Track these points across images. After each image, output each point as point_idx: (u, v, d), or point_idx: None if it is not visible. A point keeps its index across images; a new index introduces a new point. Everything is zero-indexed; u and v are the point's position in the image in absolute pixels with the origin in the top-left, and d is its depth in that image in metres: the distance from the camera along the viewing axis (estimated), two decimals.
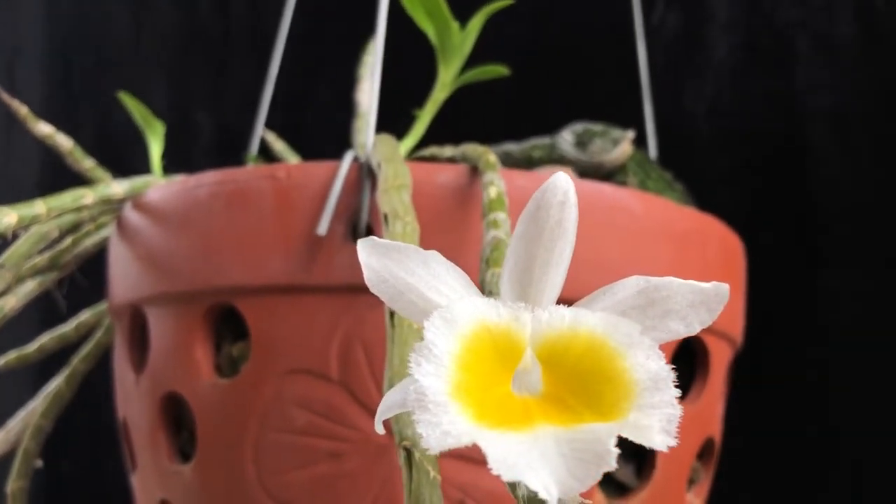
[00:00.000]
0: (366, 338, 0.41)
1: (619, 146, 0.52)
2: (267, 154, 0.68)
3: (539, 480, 0.17)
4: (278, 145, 0.69)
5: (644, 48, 0.66)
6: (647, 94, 0.65)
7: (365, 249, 0.20)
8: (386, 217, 0.34)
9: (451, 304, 0.20)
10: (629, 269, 0.27)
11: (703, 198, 0.58)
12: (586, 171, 0.53)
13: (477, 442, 0.18)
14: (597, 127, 0.55)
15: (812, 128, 0.74)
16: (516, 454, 0.18)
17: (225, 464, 0.43)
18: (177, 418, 0.47)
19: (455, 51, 0.48)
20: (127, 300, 0.48)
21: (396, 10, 0.47)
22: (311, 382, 0.41)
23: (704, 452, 0.49)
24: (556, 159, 0.54)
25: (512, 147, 0.58)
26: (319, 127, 0.77)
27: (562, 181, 0.20)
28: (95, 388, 0.56)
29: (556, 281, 0.21)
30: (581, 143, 0.54)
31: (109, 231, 0.52)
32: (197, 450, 0.44)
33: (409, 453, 0.28)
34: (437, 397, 0.18)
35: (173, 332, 0.45)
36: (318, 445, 0.41)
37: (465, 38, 0.47)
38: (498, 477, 0.40)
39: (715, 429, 0.50)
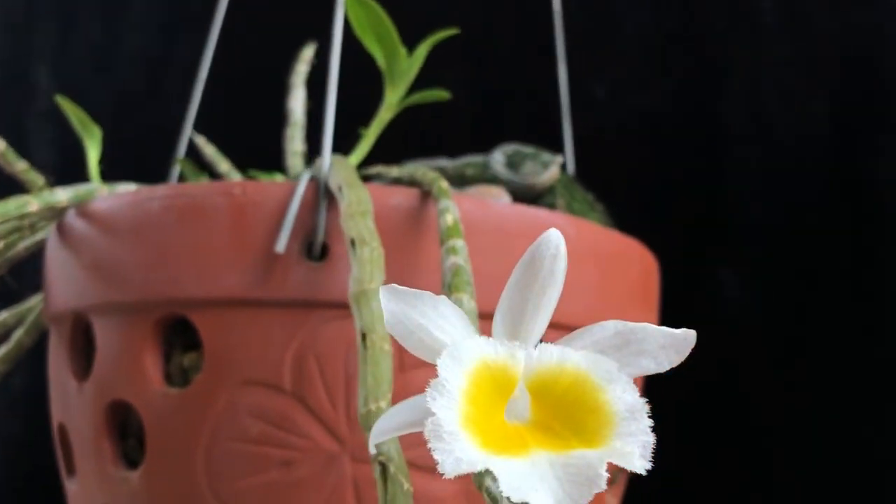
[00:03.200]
0: (319, 351, 0.43)
1: (549, 169, 0.56)
2: (196, 158, 0.68)
3: (541, 500, 0.20)
4: (209, 150, 0.69)
5: (565, 70, 0.70)
6: (566, 114, 0.68)
7: (386, 296, 0.23)
8: (353, 242, 0.36)
9: (458, 344, 0.22)
10: (565, 289, 0.29)
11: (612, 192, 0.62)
12: (517, 192, 0.56)
13: (489, 468, 0.21)
14: (527, 149, 0.58)
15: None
16: (520, 478, 0.21)
17: (175, 471, 0.44)
18: (122, 425, 0.47)
19: (402, 75, 0.50)
20: (69, 307, 0.48)
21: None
22: (264, 393, 0.43)
23: None
24: (488, 178, 0.57)
25: (445, 163, 0.61)
26: (248, 134, 0.78)
27: (554, 237, 0.23)
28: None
29: (544, 321, 0.24)
30: (512, 164, 0.58)
31: (44, 235, 0.52)
32: (145, 457, 0.45)
33: (384, 467, 0.31)
34: (451, 427, 0.21)
35: (122, 340, 0.46)
36: (270, 454, 0.43)
37: (411, 63, 0.50)
38: (446, 483, 0.43)
39: None
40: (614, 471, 0.53)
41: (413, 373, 0.42)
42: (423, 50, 0.50)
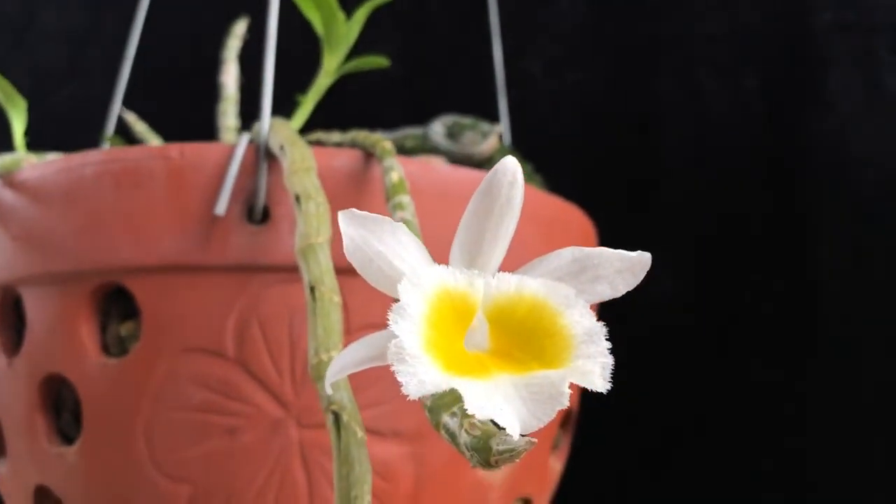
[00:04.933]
0: (262, 315, 0.42)
1: (487, 139, 0.56)
2: (126, 135, 0.66)
3: (506, 418, 0.20)
4: (139, 126, 0.67)
5: (500, 45, 0.70)
6: (501, 86, 0.69)
7: (345, 220, 0.23)
8: (298, 198, 0.36)
9: (418, 271, 0.22)
10: (509, 251, 0.30)
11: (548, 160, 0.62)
12: (457, 162, 0.56)
13: (452, 387, 0.21)
14: (466, 120, 0.59)
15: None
16: (484, 397, 0.21)
17: (114, 444, 0.43)
18: (55, 400, 0.46)
19: (341, 40, 0.49)
20: None
21: None
22: (206, 360, 0.42)
23: (565, 421, 0.54)
24: (428, 149, 0.57)
25: (384, 136, 0.60)
26: (179, 110, 0.76)
27: (511, 165, 0.23)
28: None
29: (502, 251, 0.24)
30: (451, 134, 0.58)
31: None
32: (82, 431, 0.43)
33: (337, 416, 0.30)
34: (413, 350, 0.21)
35: (55, 312, 0.44)
36: (214, 422, 0.42)
37: (350, 28, 0.49)
38: (393, 446, 0.42)
39: (574, 399, 0.55)
40: (556, 435, 0.54)
41: (359, 335, 0.42)
42: (361, 14, 0.50)
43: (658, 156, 0.78)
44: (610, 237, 0.58)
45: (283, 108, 0.53)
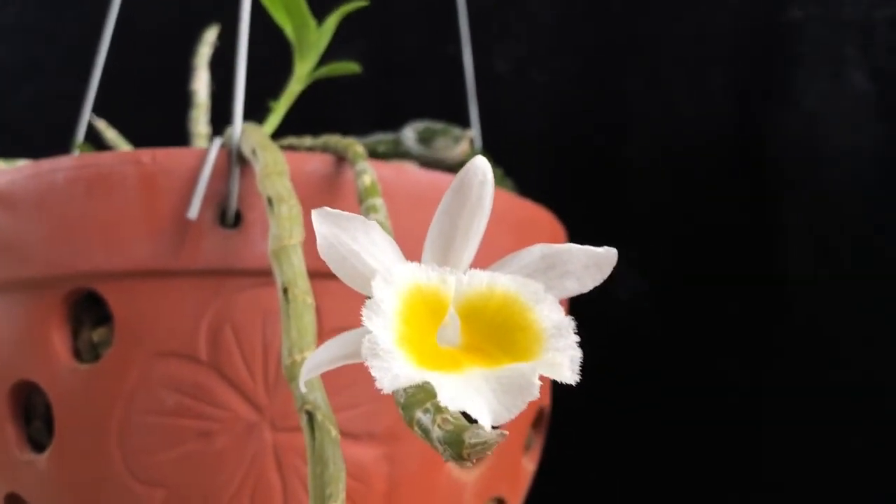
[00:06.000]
0: (235, 319, 0.42)
1: (460, 144, 0.56)
2: (96, 142, 0.66)
3: (478, 410, 0.21)
4: (110, 133, 0.67)
5: (469, 53, 0.71)
6: (472, 92, 0.70)
7: (318, 218, 0.23)
8: (270, 200, 0.36)
9: (391, 268, 0.22)
10: (481, 251, 0.30)
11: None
12: (429, 167, 0.57)
13: (425, 381, 0.21)
14: (437, 125, 0.59)
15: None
16: (456, 390, 0.21)
17: (87, 450, 0.42)
18: (25, 407, 0.45)
19: (312, 47, 0.50)
20: None
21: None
22: (179, 364, 0.42)
23: (537, 421, 0.55)
24: (400, 154, 0.58)
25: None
26: (150, 117, 0.76)
27: (481, 164, 0.24)
28: None
29: (473, 248, 0.24)
30: (423, 139, 0.58)
31: None
32: (54, 438, 0.43)
33: (311, 416, 0.31)
34: (387, 345, 0.21)
35: (26, 318, 0.44)
36: (188, 425, 0.42)
37: (321, 35, 0.50)
38: (367, 448, 0.43)
39: (545, 399, 0.55)
40: (528, 436, 0.55)
41: (331, 336, 0.42)
42: (332, 21, 0.50)
43: (626, 156, 0.79)
44: (579, 239, 0.58)
45: (253, 113, 0.53)
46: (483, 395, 0.21)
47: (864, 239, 0.74)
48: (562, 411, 0.59)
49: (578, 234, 0.59)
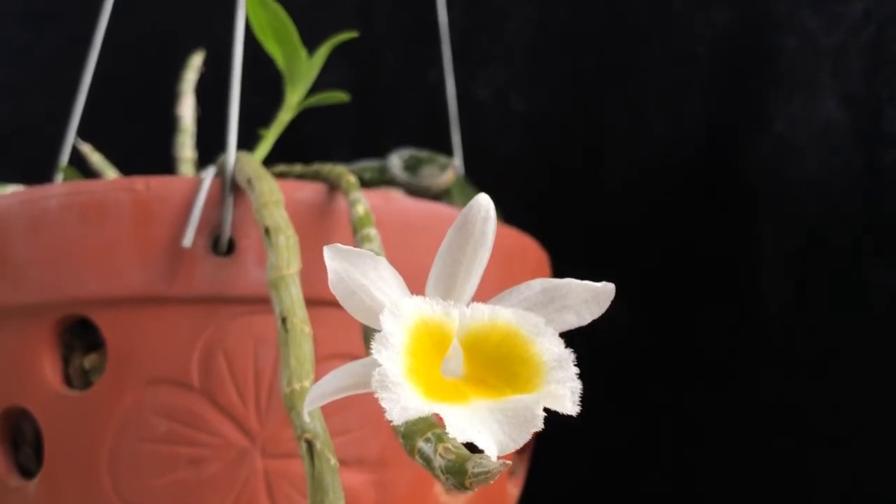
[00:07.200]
0: (227, 347, 0.43)
1: (445, 172, 0.57)
2: (80, 166, 0.66)
3: (484, 441, 0.22)
4: (94, 157, 0.67)
5: (452, 80, 0.72)
6: (454, 119, 0.71)
7: (330, 254, 0.24)
8: (268, 230, 0.37)
9: (398, 302, 0.23)
10: None
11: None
12: (415, 194, 0.58)
13: (433, 412, 0.22)
14: (423, 153, 0.60)
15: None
16: (464, 421, 0.22)
17: (77, 476, 0.42)
18: (13, 434, 0.45)
19: (302, 76, 0.51)
20: None
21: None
22: (171, 391, 0.42)
23: (522, 449, 0.55)
24: (386, 181, 0.59)
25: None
26: (135, 142, 0.76)
27: (484, 201, 0.25)
28: None
29: (475, 282, 0.25)
30: (409, 167, 0.59)
31: None
32: (43, 464, 0.43)
33: (310, 445, 0.31)
34: (396, 378, 0.22)
35: (17, 344, 0.44)
36: (179, 452, 0.42)
37: (312, 64, 0.51)
38: (357, 474, 0.43)
39: None
40: (514, 463, 0.55)
41: (324, 364, 0.43)
42: (323, 52, 0.51)
43: (602, 181, 0.80)
44: (559, 265, 0.60)
45: (246, 140, 0.54)
46: (489, 427, 0.22)
47: (837, 263, 0.76)
48: (543, 437, 0.60)
49: (558, 260, 0.61)
